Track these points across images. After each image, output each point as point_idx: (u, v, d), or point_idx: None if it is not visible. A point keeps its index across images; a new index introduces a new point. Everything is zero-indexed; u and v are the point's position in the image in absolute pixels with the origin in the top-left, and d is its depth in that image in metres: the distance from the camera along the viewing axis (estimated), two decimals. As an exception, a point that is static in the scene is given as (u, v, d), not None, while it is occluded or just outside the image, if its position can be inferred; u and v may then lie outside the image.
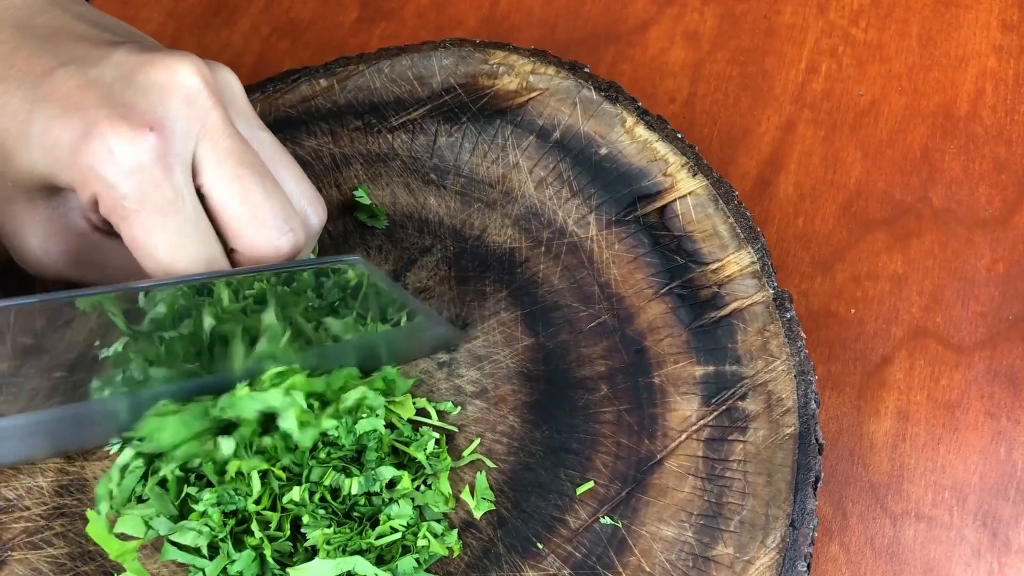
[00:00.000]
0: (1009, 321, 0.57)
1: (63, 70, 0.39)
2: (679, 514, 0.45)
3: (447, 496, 0.45)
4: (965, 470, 0.54)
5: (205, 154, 0.39)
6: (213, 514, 0.41)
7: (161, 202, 0.38)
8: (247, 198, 0.40)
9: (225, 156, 0.39)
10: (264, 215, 0.40)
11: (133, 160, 0.37)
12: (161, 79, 0.39)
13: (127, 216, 0.38)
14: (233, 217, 0.40)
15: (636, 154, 0.53)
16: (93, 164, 0.37)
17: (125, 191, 0.37)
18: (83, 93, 0.38)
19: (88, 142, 0.37)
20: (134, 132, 0.37)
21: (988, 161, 0.62)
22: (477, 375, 0.48)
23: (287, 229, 0.40)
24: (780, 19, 0.68)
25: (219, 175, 0.39)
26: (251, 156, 0.40)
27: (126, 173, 0.37)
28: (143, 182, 0.37)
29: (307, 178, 0.44)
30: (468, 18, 0.69)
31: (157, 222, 0.38)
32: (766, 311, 0.49)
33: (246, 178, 0.40)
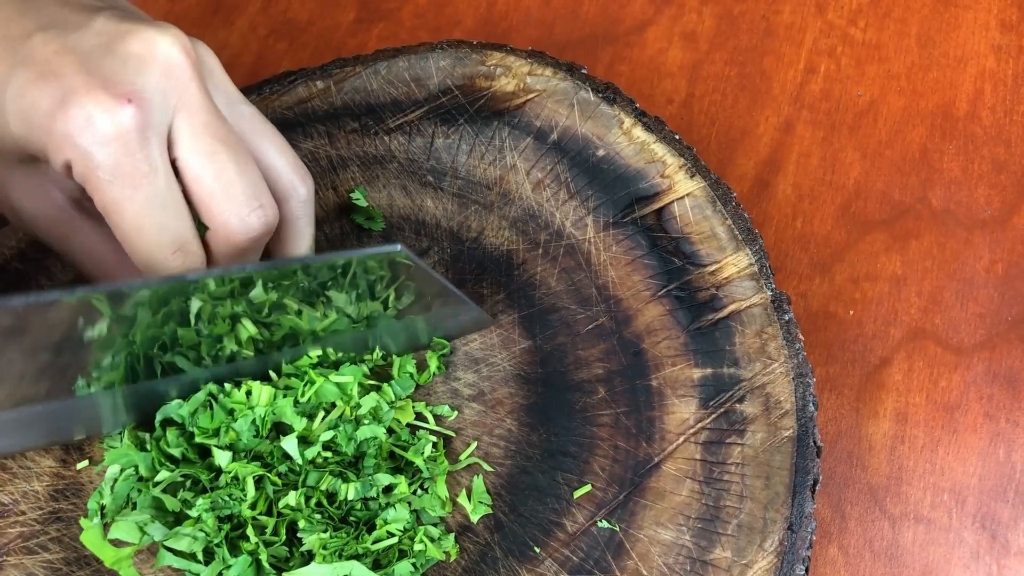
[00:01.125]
0: (1008, 322, 0.57)
1: (42, 35, 0.38)
2: (677, 518, 0.45)
3: (444, 500, 0.45)
4: (964, 472, 0.54)
5: (181, 128, 0.39)
6: (208, 519, 0.41)
7: (134, 174, 0.38)
8: (220, 174, 0.40)
9: (201, 131, 0.39)
10: (235, 191, 0.40)
11: (110, 130, 0.37)
12: (141, 50, 0.39)
13: (99, 185, 0.38)
14: (205, 192, 0.40)
15: (634, 155, 0.53)
16: (69, 132, 0.37)
17: (100, 160, 0.37)
18: (61, 59, 0.38)
19: (65, 109, 0.37)
20: (113, 102, 0.37)
21: (987, 162, 0.62)
22: (474, 378, 0.48)
23: (257, 205, 0.41)
24: (778, 19, 0.68)
25: (194, 150, 0.39)
26: (226, 132, 0.40)
27: (102, 143, 0.37)
28: (118, 153, 0.37)
29: (290, 148, 0.44)
30: (466, 18, 0.69)
31: (128, 193, 0.38)
32: (764, 313, 0.49)
33: (220, 154, 0.40)
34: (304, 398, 0.43)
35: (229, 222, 0.40)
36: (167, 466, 0.42)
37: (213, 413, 0.43)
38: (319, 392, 0.44)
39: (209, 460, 0.43)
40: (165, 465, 0.42)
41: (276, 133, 0.44)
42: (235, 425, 0.42)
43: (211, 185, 0.40)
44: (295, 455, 0.42)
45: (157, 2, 0.71)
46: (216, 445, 0.42)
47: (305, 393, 0.43)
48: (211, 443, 0.42)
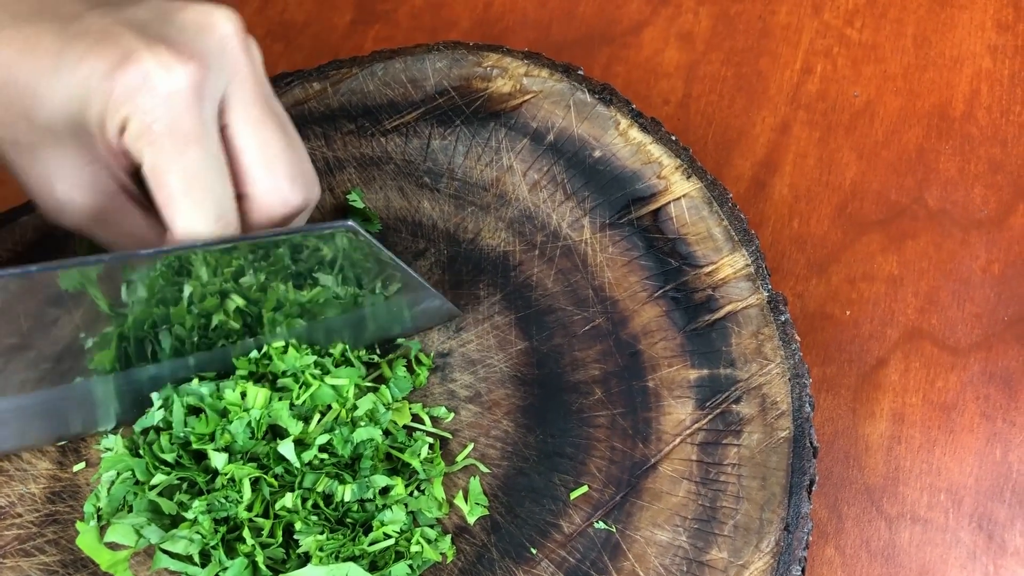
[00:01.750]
0: (1004, 322, 0.57)
1: (94, 12, 0.39)
2: (673, 518, 0.45)
3: (440, 501, 0.45)
4: (961, 472, 0.54)
5: (233, 96, 0.40)
6: (204, 521, 0.41)
7: (188, 131, 0.38)
8: (267, 146, 0.41)
9: (251, 103, 0.40)
10: (279, 165, 0.41)
11: (170, 86, 0.38)
12: (199, 19, 0.40)
13: (153, 141, 0.38)
14: (251, 162, 0.41)
15: (630, 157, 0.53)
16: (129, 87, 0.37)
17: (157, 115, 0.38)
18: (117, 28, 0.38)
19: (125, 66, 0.37)
20: (174, 59, 0.38)
21: (983, 162, 0.62)
22: (471, 379, 0.48)
23: (301, 182, 0.42)
24: (775, 20, 0.68)
25: (245, 119, 0.40)
26: (275, 106, 0.41)
27: (162, 98, 0.38)
28: (175, 109, 0.38)
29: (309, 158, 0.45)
30: (462, 20, 0.69)
31: (181, 151, 0.38)
32: (760, 314, 0.49)
33: (268, 126, 0.41)
34: (300, 400, 0.43)
35: (269, 194, 0.41)
36: (162, 469, 0.42)
37: (207, 418, 0.43)
38: (315, 395, 0.44)
39: (205, 463, 0.43)
40: (160, 469, 0.42)
41: (299, 139, 0.44)
42: (231, 427, 0.42)
43: (257, 155, 0.40)
44: (292, 459, 0.42)
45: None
46: (212, 448, 0.42)
47: (301, 395, 0.43)
48: (207, 447, 0.42)
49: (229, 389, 0.43)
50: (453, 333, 0.49)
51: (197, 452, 0.43)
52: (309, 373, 0.44)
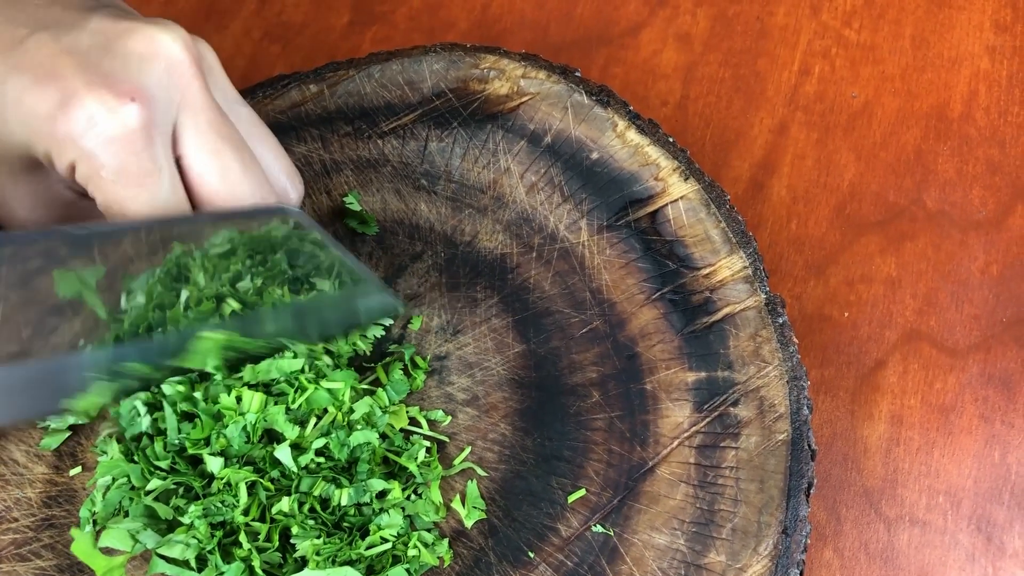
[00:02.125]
0: (1003, 324, 0.57)
1: (35, 38, 0.37)
2: (671, 522, 0.44)
3: (438, 505, 0.45)
4: (959, 474, 0.53)
5: (186, 125, 0.39)
6: (200, 526, 0.40)
7: (140, 173, 0.37)
8: (226, 174, 0.39)
9: (206, 129, 0.39)
10: (242, 191, 0.40)
11: (114, 129, 0.36)
12: (143, 48, 0.38)
13: (104, 185, 0.37)
14: (211, 192, 0.39)
15: (627, 158, 0.53)
16: (72, 133, 0.36)
17: (104, 161, 0.36)
18: (58, 61, 0.37)
19: (67, 111, 0.36)
20: (116, 100, 0.36)
21: (981, 163, 0.62)
22: (468, 382, 0.48)
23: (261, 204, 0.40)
24: (773, 21, 0.68)
25: (199, 148, 0.39)
26: (231, 130, 0.40)
27: (106, 142, 0.36)
28: (123, 152, 0.36)
29: (285, 152, 0.44)
30: (460, 21, 0.69)
31: (133, 193, 0.37)
32: (758, 316, 0.49)
33: (225, 153, 0.39)
34: (295, 405, 0.43)
35: None
36: (158, 474, 0.42)
37: (201, 422, 0.43)
38: (311, 399, 0.43)
39: (201, 467, 0.43)
40: (156, 474, 0.42)
41: (271, 136, 0.43)
42: (226, 431, 0.42)
43: (217, 184, 0.39)
44: (289, 464, 0.42)
45: (151, 5, 0.71)
46: (207, 452, 0.42)
47: (296, 400, 0.43)
48: (202, 452, 0.42)
49: (224, 393, 0.43)
50: (450, 336, 0.49)
51: (192, 457, 0.43)
52: (304, 377, 0.44)
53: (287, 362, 0.44)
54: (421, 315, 0.49)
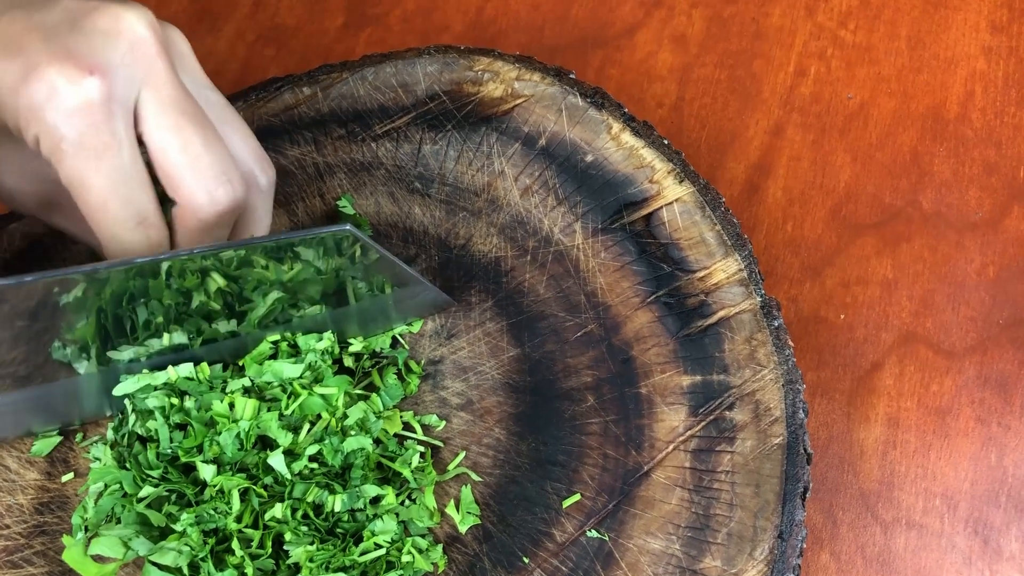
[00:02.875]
0: (999, 325, 0.57)
1: (8, 16, 0.38)
2: (666, 526, 0.44)
3: (432, 510, 0.44)
4: (956, 477, 0.53)
5: (147, 102, 0.39)
6: (192, 533, 0.40)
7: (99, 146, 0.38)
8: (186, 148, 0.40)
9: (167, 105, 0.39)
10: (202, 165, 0.40)
11: (74, 101, 0.37)
12: (107, 24, 0.39)
13: (63, 159, 0.38)
14: (172, 165, 0.40)
15: (622, 161, 0.53)
16: (34, 104, 0.37)
17: (64, 132, 0.37)
18: (26, 36, 0.38)
19: (29, 83, 0.37)
20: (77, 73, 0.37)
21: (978, 164, 0.62)
22: (462, 387, 0.48)
23: (224, 179, 0.40)
24: (768, 22, 0.68)
25: (160, 124, 0.39)
26: (193, 107, 0.40)
27: (67, 114, 0.37)
28: (83, 124, 0.37)
29: (254, 137, 0.44)
30: (454, 23, 0.69)
31: (93, 165, 0.38)
32: (754, 319, 0.48)
33: (186, 128, 0.40)
34: (289, 411, 0.43)
35: (196, 196, 0.40)
36: (150, 481, 0.42)
37: (194, 431, 0.42)
38: (304, 405, 0.43)
39: (194, 474, 0.42)
40: (148, 480, 0.42)
41: (241, 121, 0.44)
42: (219, 439, 0.42)
43: (177, 158, 0.40)
44: (283, 471, 0.42)
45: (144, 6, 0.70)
46: (200, 460, 0.42)
47: (289, 406, 0.43)
48: (195, 459, 0.42)
49: (217, 401, 0.42)
50: (444, 340, 0.49)
51: (185, 464, 0.43)
52: (298, 383, 0.44)
53: (285, 366, 0.44)
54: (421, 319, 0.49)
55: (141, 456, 0.43)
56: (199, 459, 0.42)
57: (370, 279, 0.45)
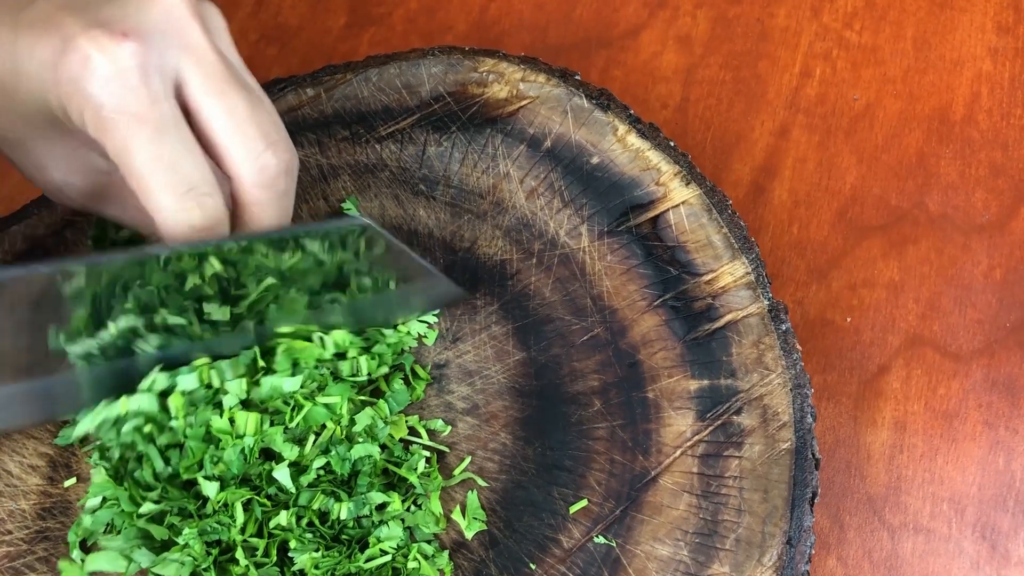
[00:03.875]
0: (1007, 328, 0.57)
1: None
2: (674, 532, 0.44)
3: (438, 516, 0.44)
4: (963, 481, 0.53)
5: (188, 70, 0.39)
6: (195, 544, 0.40)
7: (139, 110, 0.37)
8: (232, 113, 0.39)
9: (209, 72, 0.39)
10: (249, 130, 0.39)
11: (110, 67, 0.37)
12: None
13: (106, 127, 0.37)
14: (218, 132, 0.39)
15: (628, 163, 0.52)
16: (73, 76, 0.37)
17: (103, 100, 0.37)
18: (60, 13, 0.38)
19: (65, 55, 0.37)
20: (109, 40, 0.37)
21: (984, 166, 0.61)
22: (468, 391, 0.47)
23: (276, 144, 0.40)
24: (773, 22, 0.67)
25: (204, 89, 0.39)
26: (233, 72, 0.40)
27: (104, 81, 0.37)
28: (120, 89, 0.37)
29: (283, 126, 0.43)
30: (458, 23, 0.68)
31: (135, 131, 0.37)
32: (761, 323, 0.48)
33: (231, 94, 0.39)
34: (293, 423, 0.42)
35: (246, 161, 0.39)
36: (150, 498, 0.41)
37: (191, 450, 0.41)
38: (308, 416, 0.43)
39: (195, 489, 0.42)
40: (147, 497, 0.41)
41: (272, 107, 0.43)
42: (224, 456, 0.41)
43: (224, 124, 0.39)
44: (288, 484, 0.41)
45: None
46: (202, 476, 0.41)
47: (294, 418, 0.42)
48: (196, 475, 0.41)
49: (216, 416, 0.41)
50: (450, 343, 0.49)
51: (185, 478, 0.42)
52: (300, 394, 0.43)
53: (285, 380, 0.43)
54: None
55: (138, 473, 0.42)
56: (200, 475, 0.41)
57: (384, 272, 0.45)
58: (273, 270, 0.42)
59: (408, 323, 0.48)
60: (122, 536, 0.41)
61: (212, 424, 0.41)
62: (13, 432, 0.46)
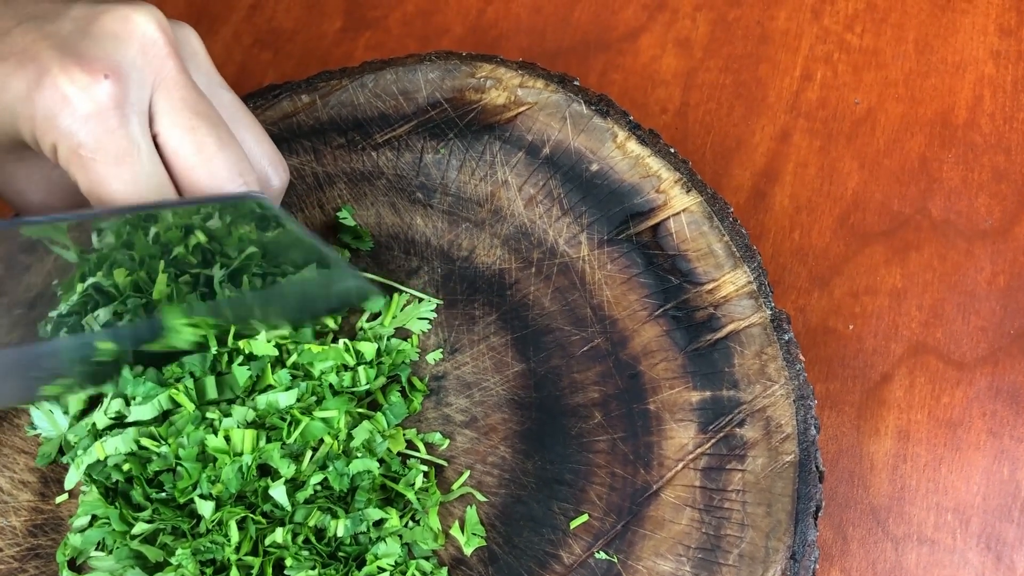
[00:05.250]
0: (1011, 336, 0.56)
1: (20, 27, 0.38)
2: (676, 547, 0.43)
3: (436, 532, 0.43)
4: (968, 491, 0.52)
5: (160, 103, 0.39)
6: (188, 565, 0.39)
7: (117, 150, 0.37)
8: (201, 148, 0.39)
9: (181, 106, 0.39)
10: (217, 166, 0.40)
11: (89, 106, 0.37)
12: (117, 27, 0.38)
13: (84, 164, 0.37)
14: (187, 167, 0.39)
15: (628, 170, 0.52)
16: (48, 112, 0.37)
17: (81, 138, 0.37)
18: (38, 45, 0.38)
19: (41, 89, 0.37)
20: (88, 78, 0.37)
21: (987, 170, 0.61)
22: (466, 403, 0.47)
23: (240, 182, 0.40)
24: (774, 25, 0.66)
25: (174, 124, 0.39)
26: (207, 107, 0.40)
27: (82, 119, 0.37)
28: (99, 129, 0.37)
29: (269, 138, 0.44)
30: (455, 27, 0.67)
31: (113, 171, 0.38)
32: (763, 333, 0.47)
33: (200, 129, 0.39)
34: (291, 439, 0.42)
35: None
36: (142, 518, 0.40)
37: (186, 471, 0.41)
38: (305, 431, 0.42)
39: (190, 507, 0.41)
40: (140, 518, 0.41)
41: (255, 121, 0.43)
42: (223, 476, 0.40)
43: (192, 159, 0.39)
44: (284, 503, 0.40)
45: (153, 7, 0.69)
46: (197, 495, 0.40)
47: (291, 434, 0.42)
48: (192, 496, 0.40)
49: (211, 435, 0.41)
50: (448, 355, 0.48)
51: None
52: (296, 410, 0.42)
53: (280, 396, 0.42)
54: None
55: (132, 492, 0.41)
56: (195, 495, 0.40)
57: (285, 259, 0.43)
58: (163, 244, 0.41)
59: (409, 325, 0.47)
60: (114, 556, 0.40)
61: (207, 443, 0.40)
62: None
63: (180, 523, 0.40)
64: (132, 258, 0.40)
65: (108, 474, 0.41)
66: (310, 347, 0.44)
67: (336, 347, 0.45)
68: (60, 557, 0.42)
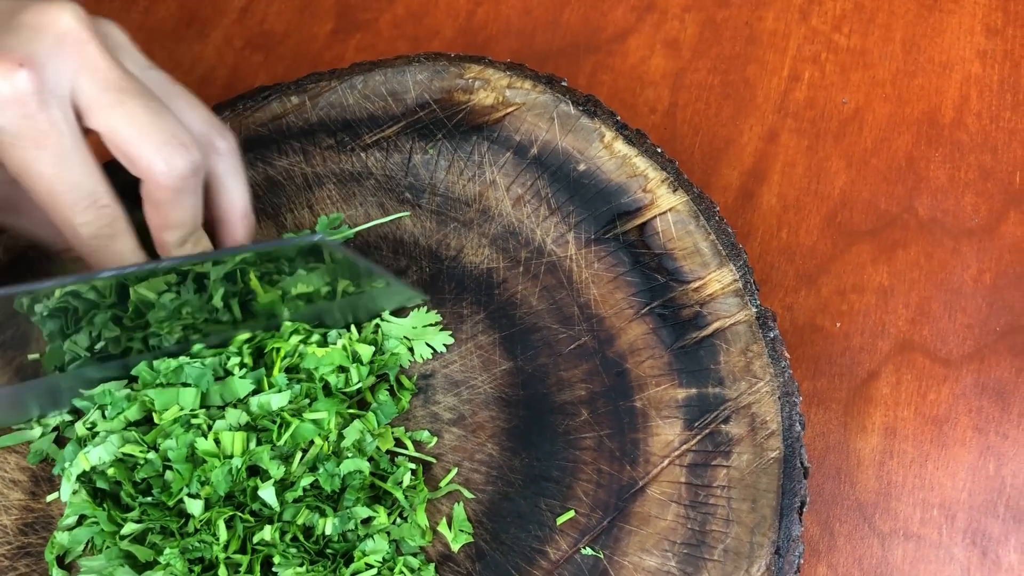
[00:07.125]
0: (996, 333, 0.56)
1: None
2: (662, 543, 0.44)
3: (424, 529, 0.44)
4: (953, 487, 0.53)
5: (84, 88, 0.40)
6: (177, 563, 0.39)
7: (37, 134, 0.39)
8: (132, 120, 0.40)
9: (104, 86, 0.40)
10: (151, 133, 0.41)
11: (6, 94, 0.38)
12: (33, 20, 0.40)
13: (6, 150, 0.39)
14: (125, 142, 0.40)
15: (615, 170, 0.52)
16: None
17: (2, 125, 0.39)
18: None
19: None
20: (6, 67, 0.38)
21: (973, 169, 0.61)
22: (454, 401, 0.47)
23: (177, 143, 0.41)
24: (762, 26, 0.67)
25: (102, 105, 0.40)
26: (132, 83, 0.41)
27: (1, 107, 0.38)
28: (17, 115, 0.39)
29: (204, 105, 0.45)
30: (445, 28, 0.68)
31: (35, 154, 0.39)
32: (749, 331, 0.48)
33: (128, 102, 0.40)
34: (281, 441, 0.42)
35: (153, 164, 0.41)
36: (131, 518, 0.41)
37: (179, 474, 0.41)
38: (295, 433, 0.42)
39: (179, 507, 0.41)
40: (128, 519, 0.41)
41: (188, 93, 0.44)
42: (212, 478, 0.41)
43: (126, 132, 0.40)
44: (273, 503, 0.41)
45: (129, 14, 0.70)
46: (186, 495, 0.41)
47: (281, 436, 0.42)
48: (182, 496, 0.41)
49: (201, 438, 0.41)
50: (436, 353, 0.48)
51: None
52: (287, 412, 0.43)
53: (272, 397, 0.43)
54: None
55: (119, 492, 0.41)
56: (184, 494, 0.41)
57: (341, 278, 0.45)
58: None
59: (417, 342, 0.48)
60: (104, 555, 0.40)
61: (197, 446, 0.41)
62: None
63: (169, 522, 0.41)
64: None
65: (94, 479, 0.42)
66: (314, 351, 0.45)
67: (337, 348, 0.45)
68: (48, 556, 0.42)
